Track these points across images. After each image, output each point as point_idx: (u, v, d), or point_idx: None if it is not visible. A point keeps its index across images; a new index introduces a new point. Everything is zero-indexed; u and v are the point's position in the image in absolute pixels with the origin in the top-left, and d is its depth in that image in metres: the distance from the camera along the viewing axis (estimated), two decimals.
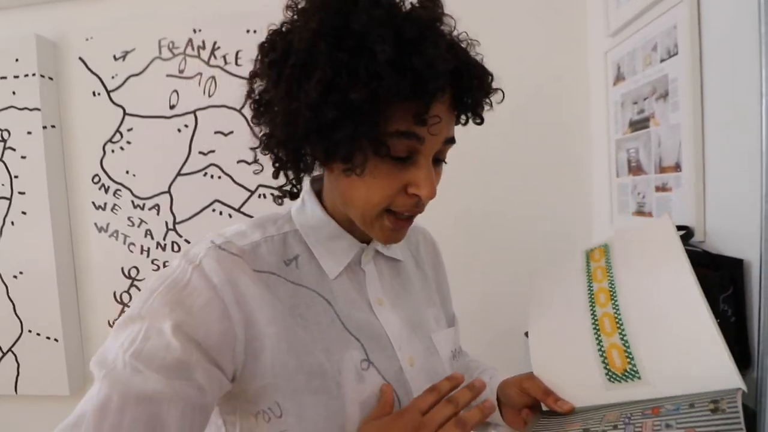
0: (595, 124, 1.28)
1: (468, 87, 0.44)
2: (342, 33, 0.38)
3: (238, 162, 1.37)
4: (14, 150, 1.41)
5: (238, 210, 1.38)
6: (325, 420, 0.44)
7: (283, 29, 0.43)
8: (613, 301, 0.52)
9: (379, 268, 0.55)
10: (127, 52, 1.39)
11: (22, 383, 1.46)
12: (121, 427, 0.36)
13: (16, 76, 1.39)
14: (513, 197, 1.33)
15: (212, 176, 1.38)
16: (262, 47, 0.45)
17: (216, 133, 1.37)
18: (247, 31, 1.34)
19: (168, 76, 1.38)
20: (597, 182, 1.28)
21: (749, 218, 0.71)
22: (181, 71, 1.37)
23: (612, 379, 0.47)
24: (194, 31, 1.36)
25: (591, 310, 0.53)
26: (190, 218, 1.40)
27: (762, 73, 0.68)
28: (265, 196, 1.38)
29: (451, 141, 0.47)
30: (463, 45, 0.46)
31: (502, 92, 0.51)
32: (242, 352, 0.43)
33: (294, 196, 0.54)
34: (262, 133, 0.47)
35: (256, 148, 0.48)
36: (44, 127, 1.40)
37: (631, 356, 0.47)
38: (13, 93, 1.40)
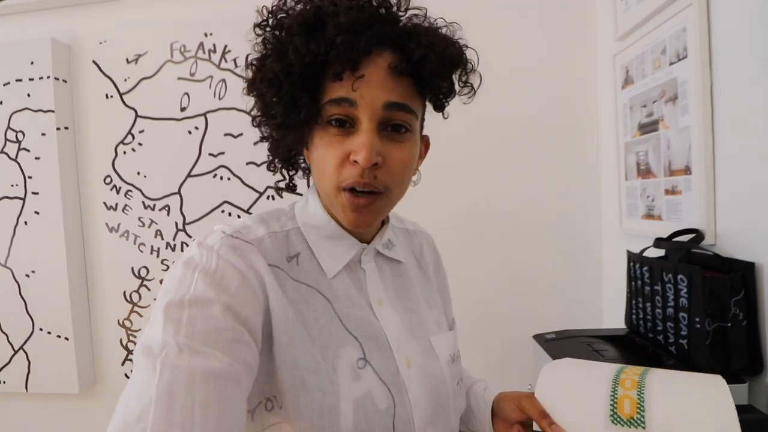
0: (603, 127, 1.28)
1: (411, 53, 0.44)
2: (270, 18, 0.47)
3: (248, 164, 1.38)
4: (28, 151, 1.44)
5: (247, 211, 1.39)
6: (319, 417, 0.43)
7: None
8: (638, 389, 0.48)
9: (380, 267, 0.55)
10: (139, 56, 1.41)
11: (33, 381, 1.48)
12: (194, 408, 0.35)
13: (32, 79, 1.42)
14: (522, 200, 1.33)
15: (222, 178, 1.40)
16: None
17: (226, 135, 1.39)
18: None
19: (179, 79, 1.40)
20: (606, 185, 1.28)
21: (760, 221, 0.71)
22: (192, 74, 1.39)
23: (615, 421, 0.45)
24: (205, 34, 1.38)
25: (616, 376, 0.51)
26: (199, 219, 1.41)
27: None
28: (273, 198, 1.39)
29: (396, 106, 0.45)
30: (428, 21, 0.48)
31: (480, 75, 0.51)
32: (263, 333, 0.44)
33: (291, 189, 0.55)
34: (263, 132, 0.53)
35: (257, 142, 0.55)
36: (58, 129, 1.42)
37: (642, 408, 0.46)
38: (28, 95, 1.43)
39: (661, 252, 0.87)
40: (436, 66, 0.45)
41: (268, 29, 0.46)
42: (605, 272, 1.30)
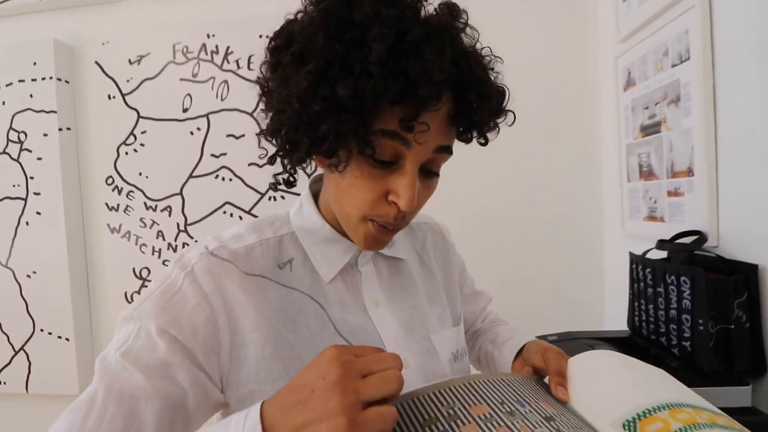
0: (605, 129, 1.28)
1: (471, 103, 0.42)
2: (343, 26, 0.38)
3: (249, 165, 1.38)
4: (30, 151, 1.44)
5: (249, 212, 1.40)
6: None
7: (296, 16, 0.43)
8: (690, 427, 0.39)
9: (378, 268, 0.54)
10: (142, 57, 1.41)
11: (33, 382, 1.47)
12: (104, 420, 0.39)
13: (34, 80, 1.42)
14: (524, 202, 1.33)
15: (224, 178, 1.40)
16: (273, 33, 0.45)
17: (228, 136, 1.39)
18: (260, 36, 1.36)
19: (182, 80, 1.40)
20: (608, 187, 1.28)
21: (763, 222, 0.71)
22: (194, 75, 1.40)
23: (627, 428, 0.39)
24: (208, 36, 1.39)
25: (672, 401, 0.42)
26: (201, 220, 1.41)
27: None
28: (275, 199, 1.39)
29: (444, 150, 0.44)
30: (484, 61, 0.45)
31: (513, 114, 0.49)
32: (227, 358, 0.44)
33: (289, 184, 0.52)
34: (266, 120, 0.47)
35: (260, 133, 0.48)
36: (60, 130, 1.43)
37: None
38: (31, 96, 1.43)
39: (663, 254, 0.87)
40: (486, 117, 0.45)
41: (339, 35, 0.38)
42: (607, 274, 1.30)
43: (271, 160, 0.49)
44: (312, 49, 0.38)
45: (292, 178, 0.51)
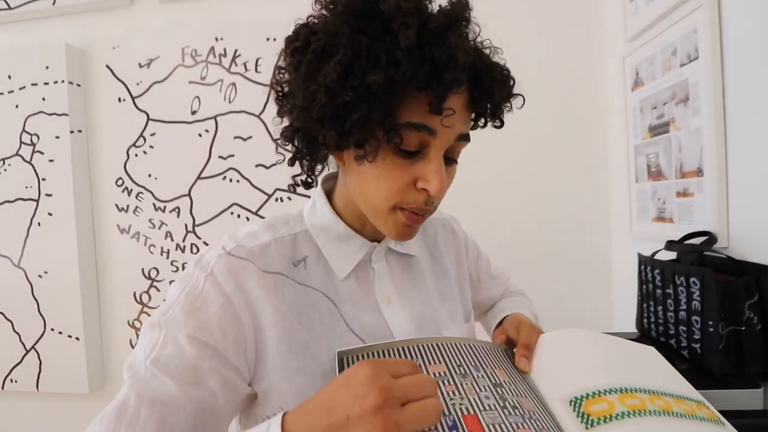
0: (613, 129, 1.27)
1: (487, 87, 0.45)
2: (367, 17, 0.39)
3: (257, 166, 1.40)
4: (42, 153, 1.47)
5: (256, 213, 1.41)
6: None
7: (308, 20, 0.44)
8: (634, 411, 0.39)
9: (391, 264, 0.55)
10: (151, 60, 1.43)
11: (44, 381, 1.49)
12: (136, 428, 0.39)
13: (46, 83, 1.45)
14: (531, 202, 1.33)
15: (231, 180, 1.41)
16: (287, 38, 0.45)
17: (235, 138, 1.40)
18: (267, 39, 1.37)
19: (190, 82, 1.42)
20: (616, 188, 1.27)
21: None
22: (203, 78, 1.41)
23: (572, 404, 0.39)
24: (216, 39, 1.40)
25: (626, 387, 0.42)
26: (209, 221, 1.43)
27: None
28: (281, 200, 1.40)
29: (464, 138, 0.46)
30: (487, 51, 0.47)
31: (523, 98, 0.51)
32: (253, 353, 0.45)
33: (307, 185, 0.54)
34: (282, 125, 0.48)
35: (278, 139, 0.49)
36: (71, 132, 1.45)
37: (609, 419, 0.37)
38: (43, 99, 1.45)
39: (672, 255, 0.86)
40: (501, 101, 0.47)
41: (364, 27, 0.39)
42: (615, 275, 1.29)
43: (291, 162, 0.50)
44: (337, 43, 0.39)
45: (310, 179, 0.52)
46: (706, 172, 0.84)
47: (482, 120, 0.49)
